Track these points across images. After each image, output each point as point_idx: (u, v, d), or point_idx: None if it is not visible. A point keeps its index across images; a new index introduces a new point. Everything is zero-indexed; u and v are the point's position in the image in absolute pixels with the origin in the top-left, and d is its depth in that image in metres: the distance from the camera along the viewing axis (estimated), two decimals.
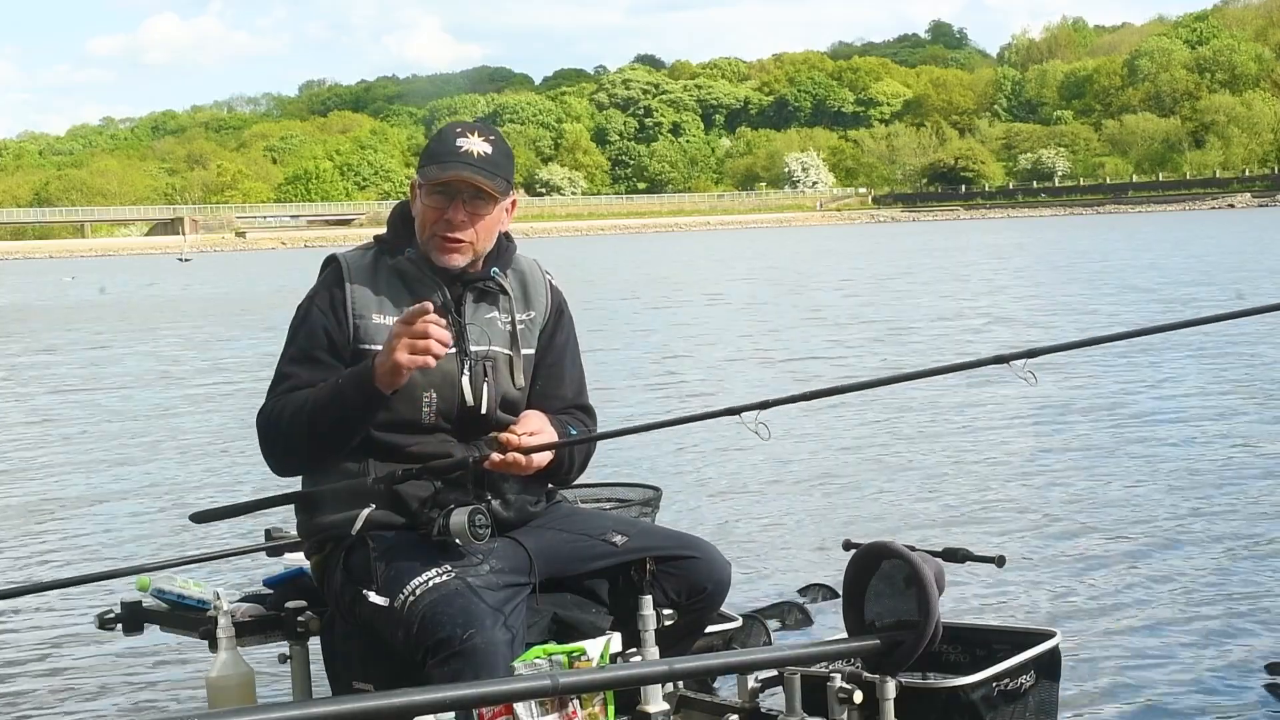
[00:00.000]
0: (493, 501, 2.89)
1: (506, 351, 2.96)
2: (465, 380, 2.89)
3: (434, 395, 2.86)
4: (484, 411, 2.90)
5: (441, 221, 2.89)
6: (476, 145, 2.90)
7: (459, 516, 2.74)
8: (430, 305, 2.72)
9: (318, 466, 2.90)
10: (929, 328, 18.09)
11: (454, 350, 2.89)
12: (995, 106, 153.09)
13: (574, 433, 2.98)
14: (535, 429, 2.85)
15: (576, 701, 2.62)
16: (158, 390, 14.76)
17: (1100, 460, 8.25)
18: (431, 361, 2.71)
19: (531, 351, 3.01)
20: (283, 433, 2.85)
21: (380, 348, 2.81)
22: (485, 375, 2.91)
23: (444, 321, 2.74)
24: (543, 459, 2.85)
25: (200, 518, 3.19)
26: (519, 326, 2.98)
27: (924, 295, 24.83)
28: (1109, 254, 38.51)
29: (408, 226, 2.99)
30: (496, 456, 2.79)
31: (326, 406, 2.79)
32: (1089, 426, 9.51)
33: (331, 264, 2.98)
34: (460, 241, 2.90)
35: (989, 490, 7.53)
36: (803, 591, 5.58)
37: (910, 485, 7.75)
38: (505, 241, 3.03)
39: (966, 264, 37.12)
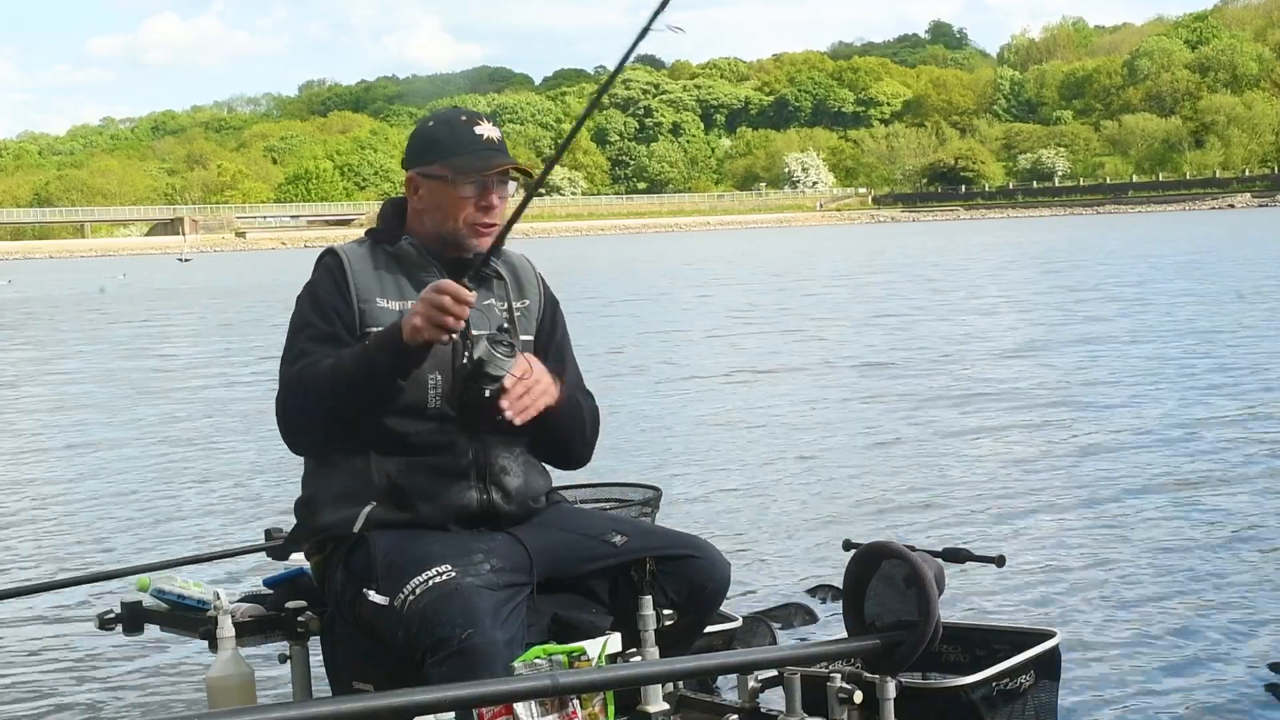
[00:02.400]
0: (494, 494, 2.89)
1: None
2: (468, 363, 2.91)
3: (439, 378, 2.88)
4: (487, 395, 2.92)
5: (480, 209, 2.93)
6: (492, 132, 2.99)
7: (482, 345, 2.74)
8: (468, 294, 2.73)
9: (336, 439, 2.87)
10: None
11: (457, 335, 2.91)
12: (995, 107, 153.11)
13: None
14: (527, 368, 2.87)
15: (576, 701, 2.62)
16: (157, 388, 14.77)
17: (1100, 460, 8.25)
18: (443, 337, 2.73)
19: (530, 338, 3.04)
20: (307, 401, 2.82)
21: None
22: None
23: (467, 308, 2.73)
24: (549, 398, 2.87)
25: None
26: (516, 313, 3.02)
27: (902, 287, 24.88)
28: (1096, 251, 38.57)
29: (401, 219, 3.01)
30: (505, 401, 2.80)
31: (353, 369, 2.77)
32: (1089, 426, 9.51)
33: (330, 254, 3.00)
34: (495, 225, 2.97)
35: (989, 490, 7.52)
36: (811, 592, 5.58)
37: (910, 485, 7.75)
38: None
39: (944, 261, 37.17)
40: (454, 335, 2.75)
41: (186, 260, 76.47)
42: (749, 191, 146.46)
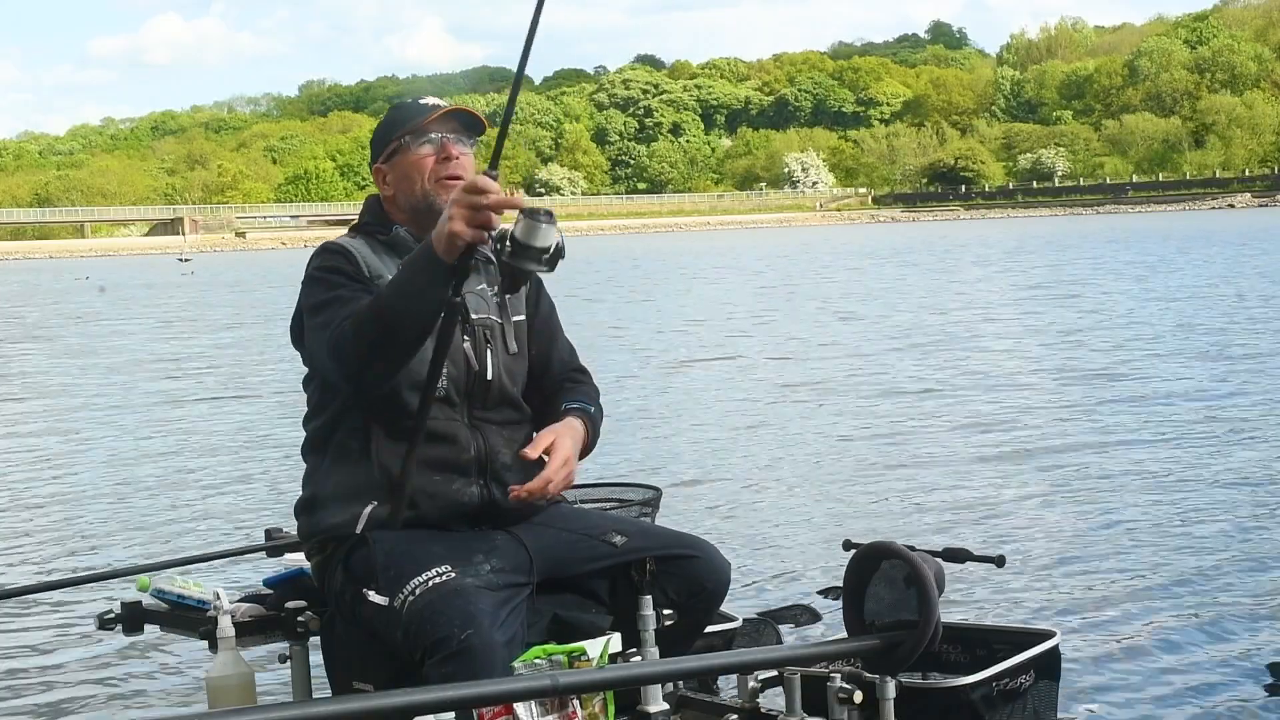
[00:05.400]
0: (494, 490, 2.90)
1: (498, 319, 3.00)
2: (469, 346, 2.92)
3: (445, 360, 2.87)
4: (489, 377, 2.93)
5: (440, 163, 2.94)
6: (440, 101, 3.03)
7: (521, 224, 2.62)
8: (494, 183, 2.61)
9: (393, 368, 2.77)
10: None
11: (458, 318, 2.92)
12: (994, 107, 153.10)
13: (574, 405, 3.01)
14: (546, 446, 2.86)
15: (576, 701, 2.62)
16: (157, 387, 14.77)
17: (1100, 460, 8.25)
18: (485, 236, 2.62)
19: (521, 317, 3.05)
20: (362, 334, 2.72)
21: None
22: (487, 341, 2.95)
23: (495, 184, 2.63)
24: (568, 477, 2.88)
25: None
26: (507, 295, 3.02)
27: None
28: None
29: (385, 213, 3.03)
30: (519, 490, 2.82)
31: (394, 293, 2.70)
32: (1088, 426, 9.52)
33: (330, 244, 3.01)
34: (459, 178, 2.90)
35: (989, 490, 7.53)
36: (823, 593, 5.55)
37: (910, 485, 7.75)
38: None
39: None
40: (491, 236, 2.64)
41: (186, 260, 76.44)
42: (749, 191, 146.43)
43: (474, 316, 2.95)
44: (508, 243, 2.64)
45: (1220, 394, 10.73)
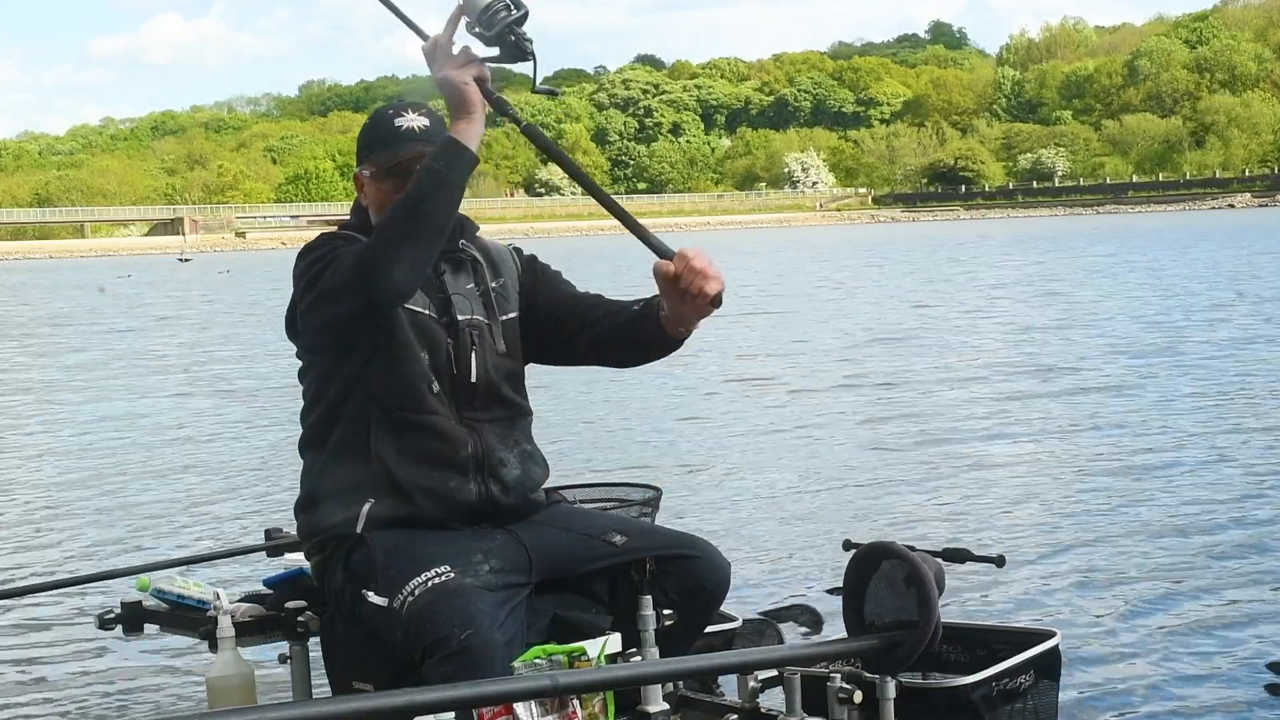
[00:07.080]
0: (492, 486, 2.90)
1: (485, 320, 2.99)
2: (452, 349, 2.91)
3: (428, 357, 2.87)
4: (473, 380, 2.92)
5: None
6: (415, 121, 2.98)
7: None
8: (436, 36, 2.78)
9: (420, 265, 2.75)
10: None
11: (444, 319, 2.91)
12: (994, 106, 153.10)
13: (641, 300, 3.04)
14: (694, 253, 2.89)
15: (576, 701, 2.62)
16: (155, 386, 14.77)
17: (1099, 460, 8.25)
18: (475, 64, 2.75)
19: (513, 315, 3.04)
20: (389, 237, 2.73)
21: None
22: (473, 343, 2.93)
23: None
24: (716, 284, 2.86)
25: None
26: (493, 294, 3.01)
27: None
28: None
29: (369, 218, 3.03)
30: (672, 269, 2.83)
31: (418, 186, 2.73)
32: (1088, 427, 9.51)
33: (327, 233, 3.00)
34: None
35: (989, 490, 7.53)
36: (832, 592, 5.54)
37: (910, 485, 7.75)
38: (463, 218, 3.02)
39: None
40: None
41: (187, 260, 76.46)
42: (749, 191, 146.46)
43: (460, 318, 2.93)
44: (475, 29, 2.71)
45: (1220, 392, 10.73)
